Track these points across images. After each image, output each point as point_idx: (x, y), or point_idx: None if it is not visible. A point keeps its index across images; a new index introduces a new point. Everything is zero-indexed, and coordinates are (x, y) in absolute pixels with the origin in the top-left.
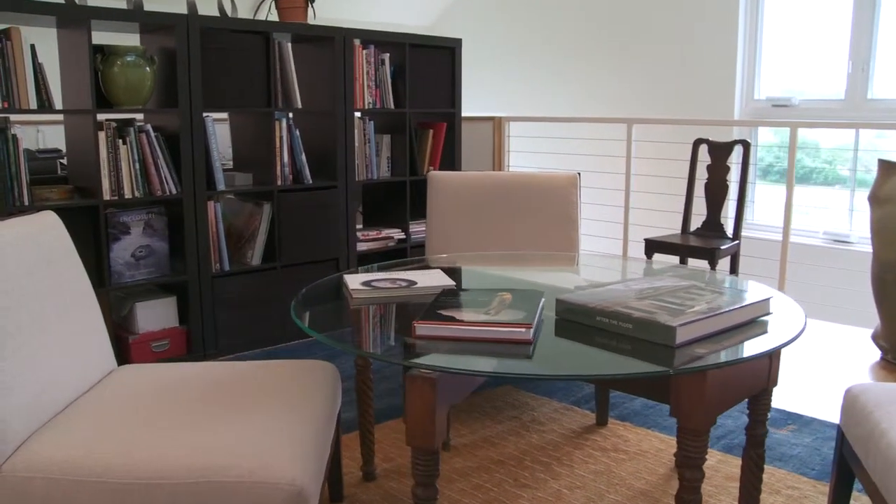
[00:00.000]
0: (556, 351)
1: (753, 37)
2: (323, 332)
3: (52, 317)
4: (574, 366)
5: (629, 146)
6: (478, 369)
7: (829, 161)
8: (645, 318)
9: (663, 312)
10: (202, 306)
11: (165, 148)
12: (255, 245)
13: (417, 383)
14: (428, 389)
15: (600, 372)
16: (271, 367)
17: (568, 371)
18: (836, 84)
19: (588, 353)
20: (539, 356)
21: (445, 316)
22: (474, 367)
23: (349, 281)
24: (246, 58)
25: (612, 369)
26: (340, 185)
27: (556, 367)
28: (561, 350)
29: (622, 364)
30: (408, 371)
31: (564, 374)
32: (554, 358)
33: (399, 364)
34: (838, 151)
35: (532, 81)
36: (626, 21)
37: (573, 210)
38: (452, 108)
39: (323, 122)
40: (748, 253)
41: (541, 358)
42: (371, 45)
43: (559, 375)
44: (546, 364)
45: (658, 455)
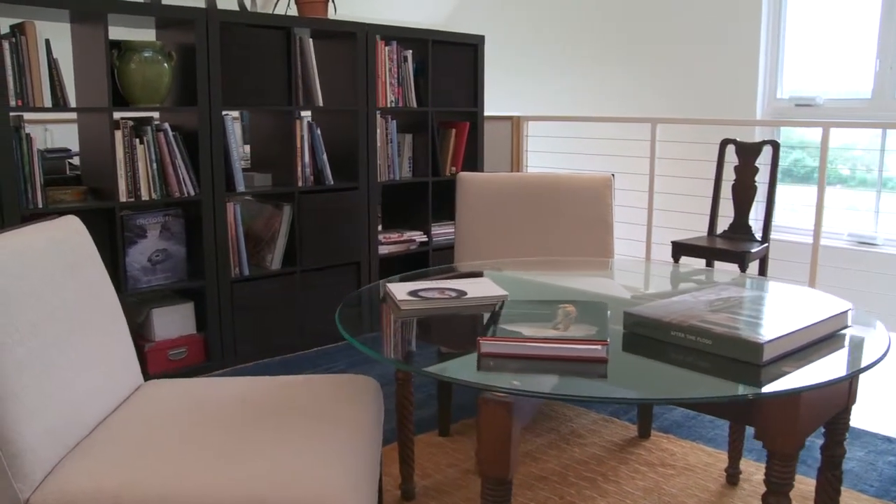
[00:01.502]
0: (630, 369)
1: (776, 35)
2: (375, 348)
3: (78, 330)
4: (656, 387)
5: (653, 146)
6: (561, 392)
7: (830, 161)
8: (727, 334)
9: (745, 327)
10: (221, 313)
11: (184, 147)
12: (274, 248)
13: (492, 407)
14: (504, 414)
15: (688, 395)
16: (312, 383)
17: (652, 394)
18: (862, 83)
19: (667, 372)
20: (614, 375)
21: (511, 331)
22: (551, 388)
23: (394, 290)
24: (266, 54)
25: (701, 391)
26: (362, 186)
27: (638, 388)
28: (636, 369)
29: (709, 385)
30: (480, 393)
31: (653, 398)
32: (630, 378)
33: (477, 386)
34: (839, 151)
35: (549, 81)
36: (645, 19)
37: (608, 213)
38: (475, 108)
39: (344, 120)
40: (773, 255)
41: (617, 377)
42: (393, 42)
43: (651, 399)
44: (625, 385)
45: (707, 470)
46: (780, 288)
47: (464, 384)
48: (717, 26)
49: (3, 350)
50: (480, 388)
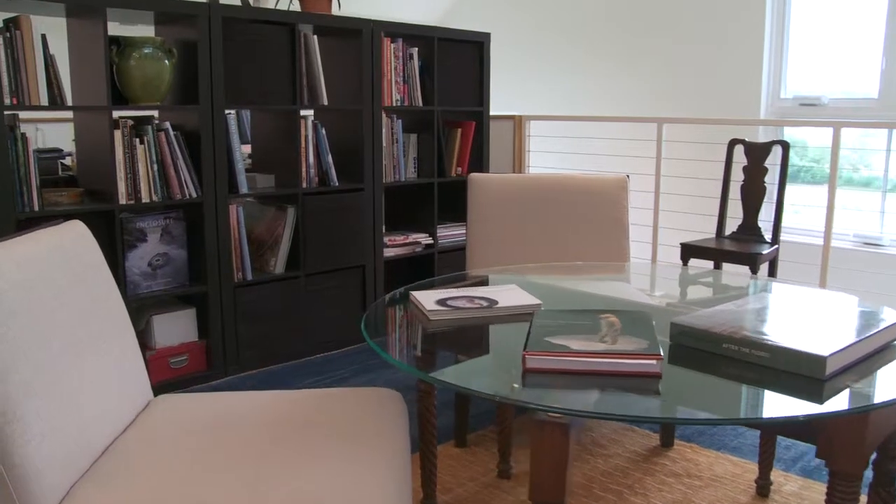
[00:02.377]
0: (683, 385)
1: (780, 34)
2: (409, 362)
3: (87, 344)
4: (720, 405)
5: (659, 146)
6: (625, 413)
7: (816, 160)
8: (786, 347)
9: (802, 339)
10: (223, 319)
11: (185, 147)
12: (278, 252)
13: (548, 430)
14: (560, 436)
15: (761, 415)
16: (333, 397)
17: (721, 413)
18: (867, 82)
19: (724, 388)
20: (668, 391)
21: (556, 345)
22: (611, 408)
23: (420, 299)
24: (270, 51)
25: (767, 410)
26: (367, 187)
27: (701, 407)
28: (689, 384)
29: (774, 402)
30: (531, 413)
31: (725, 419)
32: (686, 394)
33: (534, 407)
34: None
35: (551, 80)
36: (647, 18)
37: (623, 215)
38: (480, 107)
39: (349, 120)
40: (781, 257)
41: (672, 394)
42: (399, 39)
43: (723, 420)
44: (682, 402)
45: (735, 481)
46: (821, 295)
47: (522, 405)
48: (721, 25)
49: (10, 370)
50: (537, 409)
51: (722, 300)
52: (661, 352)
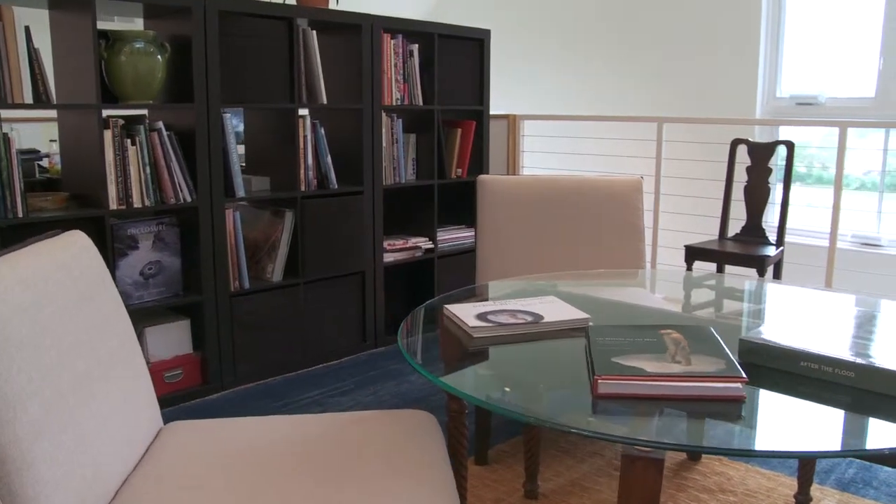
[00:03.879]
0: (766, 409)
1: (775, 33)
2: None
3: (96, 372)
4: (813, 432)
5: (660, 146)
6: (721, 445)
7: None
8: (876, 366)
9: (888, 355)
10: (219, 330)
11: (179, 149)
12: (275, 259)
13: (640, 466)
14: (654, 474)
15: (859, 444)
16: (365, 422)
17: (826, 445)
18: (864, 82)
19: (813, 412)
20: (752, 417)
21: (628, 367)
22: (706, 439)
23: (457, 314)
24: (267, 46)
25: (875, 439)
26: (367, 189)
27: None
28: (773, 408)
29: (880, 429)
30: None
31: (837, 451)
32: (773, 420)
33: (623, 441)
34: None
35: (544, 79)
36: (643, 17)
37: (639, 218)
38: (481, 106)
39: (347, 119)
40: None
41: (758, 420)
42: (399, 35)
43: (835, 453)
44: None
45: (770, 496)
46: (871, 304)
47: (612, 440)
48: (717, 25)
49: (18, 410)
50: (627, 444)
51: (770, 311)
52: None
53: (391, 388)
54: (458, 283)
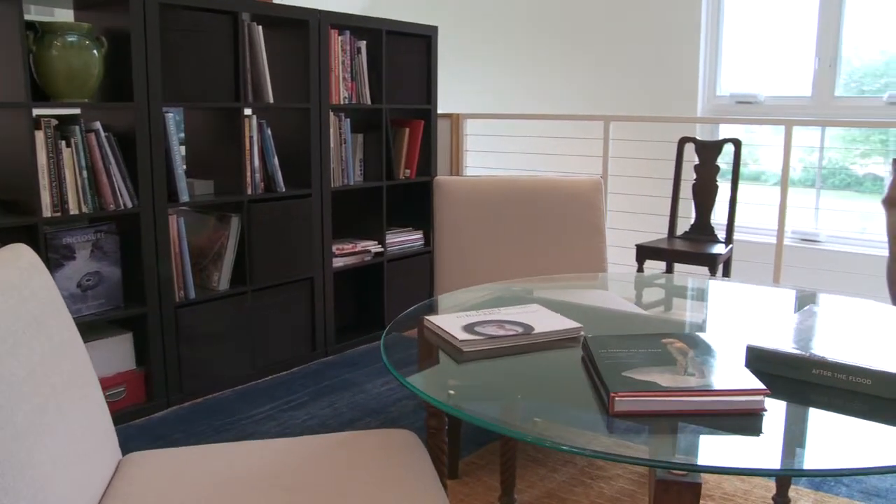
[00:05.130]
0: (787, 422)
1: (715, 34)
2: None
3: (52, 405)
4: (844, 445)
5: (606, 145)
6: (764, 466)
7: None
8: (892, 373)
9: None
10: (164, 343)
11: (119, 151)
12: (221, 266)
13: (676, 492)
14: (690, 498)
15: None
16: (345, 444)
17: (848, 455)
18: (800, 81)
19: (838, 424)
20: (775, 430)
21: (643, 382)
22: (730, 459)
23: (442, 326)
24: (210, 42)
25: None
26: (315, 192)
27: (824, 448)
28: (792, 419)
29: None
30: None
31: (882, 467)
32: (797, 433)
33: (653, 465)
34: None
35: (484, 78)
36: (584, 14)
37: (599, 218)
38: (428, 105)
39: (294, 119)
40: None
41: (781, 433)
42: (346, 32)
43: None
44: (802, 443)
45: (748, 498)
46: (855, 304)
47: (641, 463)
48: (659, 24)
49: None
50: (659, 467)
51: (755, 314)
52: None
53: (347, 399)
54: (408, 287)
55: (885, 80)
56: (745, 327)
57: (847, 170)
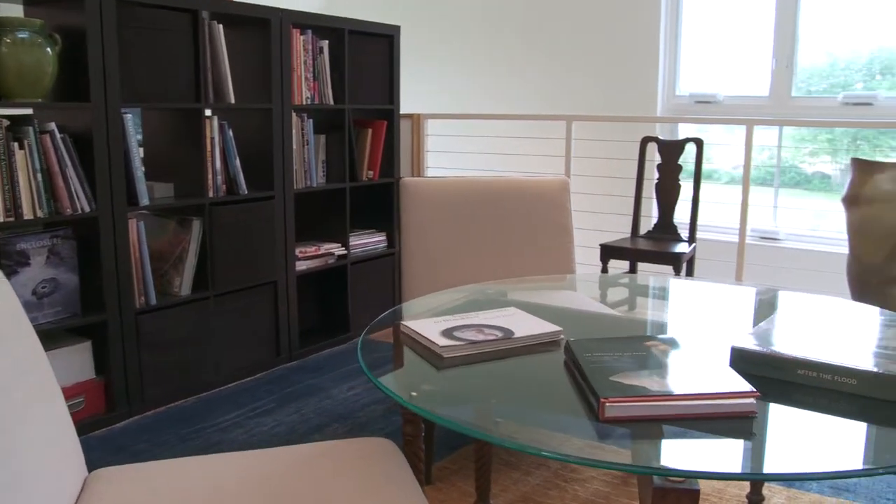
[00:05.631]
0: (777, 424)
1: (673, 34)
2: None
3: (14, 424)
4: (839, 447)
5: (569, 145)
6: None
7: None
8: (879, 372)
9: (887, 361)
10: (125, 351)
11: (75, 153)
12: (183, 271)
13: (673, 499)
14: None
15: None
16: (322, 455)
17: (845, 457)
18: (758, 81)
19: (828, 425)
20: (768, 432)
21: (632, 387)
22: (722, 464)
23: (420, 331)
24: (169, 41)
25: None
26: (278, 194)
27: (818, 451)
28: (783, 422)
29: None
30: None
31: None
32: (791, 435)
33: (654, 473)
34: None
35: (444, 78)
36: (546, 13)
37: (567, 219)
38: (391, 105)
39: (256, 120)
40: None
41: (777, 436)
42: (308, 31)
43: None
44: (799, 445)
45: (723, 497)
46: (826, 302)
47: (642, 471)
48: (620, 23)
49: None
50: (659, 474)
51: (734, 312)
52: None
53: (314, 405)
54: (372, 289)
55: (830, 80)
56: (724, 327)
57: (797, 168)
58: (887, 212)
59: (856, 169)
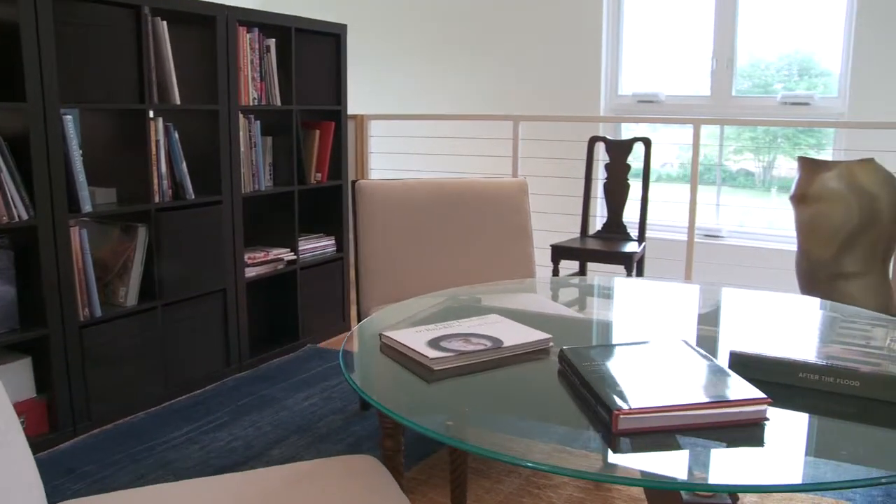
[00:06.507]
0: (786, 428)
1: (616, 35)
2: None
3: None
4: (855, 451)
5: (516, 145)
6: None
7: None
8: (881, 373)
9: (886, 362)
10: (69, 366)
11: (11, 157)
12: (128, 281)
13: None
14: None
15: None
16: (305, 477)
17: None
18: (699, 81)
19: (840, 430)
20: (775, 438)
21: (641, 397)
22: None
23: (405, 342)
24: (110, 38)
25: None
26: (226, 199)
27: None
28: (792, 426)
29: None
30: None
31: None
32: (801, 440)
33: (690, 489)
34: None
35: (387, 78)
36: (489, 14)
37: (526, 220)
38: (339, 105)
39: (202, 121)
40: None
41: (786, 442)
42: (255, 29)
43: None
44: (814, 451)
45: None
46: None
47: (676, 488)
48: (562, 25)
49: None
50: (685, 489)
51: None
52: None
53: (270, 417)
54: (322, 295)
55: (753, 80)
56: (713, 329)
57: (723, 166)
58: (835, 209)
59: (803, 167)
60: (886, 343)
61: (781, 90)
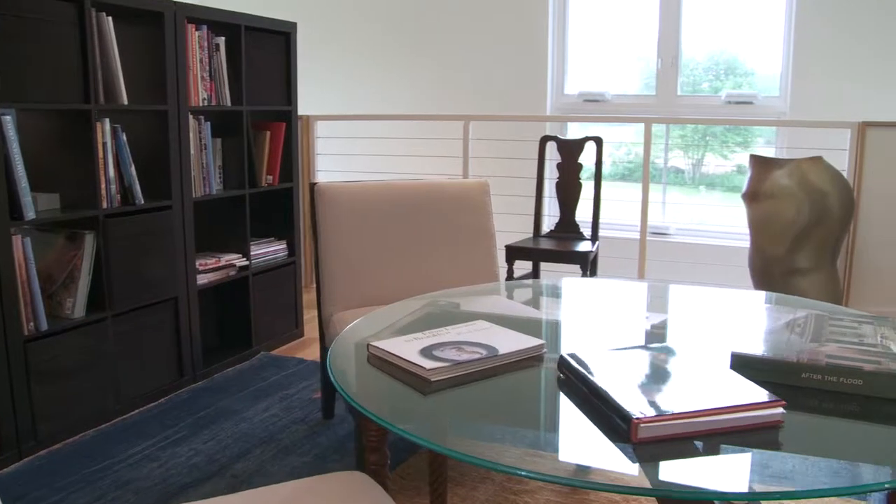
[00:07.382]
0: (798, 431)
1: (561, 34)
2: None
3: None
4: (866, 451)
5: (466, 145)
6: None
7: None
8: (885, 371)
9: (888, 360)
10: (12, 384)
11: None
12: (75, 291)
13: None
14: None
15: None
16: (301, 496)
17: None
18: (644, 80)
19: (845, 429)
20: (791, 441)
21: (656, 404)
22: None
23: (396, 352)
24: (52, 34)
25: None
26: (176, 204)
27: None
28: (804, 429)
29: None
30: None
31: None
32: (817, 444)
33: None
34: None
35: (331, 78)
36: (435, 13)
37: (489, 222)
38: (289, 106)
39: (149, 123)
40: None
41: (803, 445)
42: (204, 26)
43: None
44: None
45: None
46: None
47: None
48: (508, 25)
49: None
50: (720, 499)
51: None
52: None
53: (230, 429)
54: (274, 301)
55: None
56: (707, 330)
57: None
58: (786, 206)
59: (755, 165)
60: (878, 340)
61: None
